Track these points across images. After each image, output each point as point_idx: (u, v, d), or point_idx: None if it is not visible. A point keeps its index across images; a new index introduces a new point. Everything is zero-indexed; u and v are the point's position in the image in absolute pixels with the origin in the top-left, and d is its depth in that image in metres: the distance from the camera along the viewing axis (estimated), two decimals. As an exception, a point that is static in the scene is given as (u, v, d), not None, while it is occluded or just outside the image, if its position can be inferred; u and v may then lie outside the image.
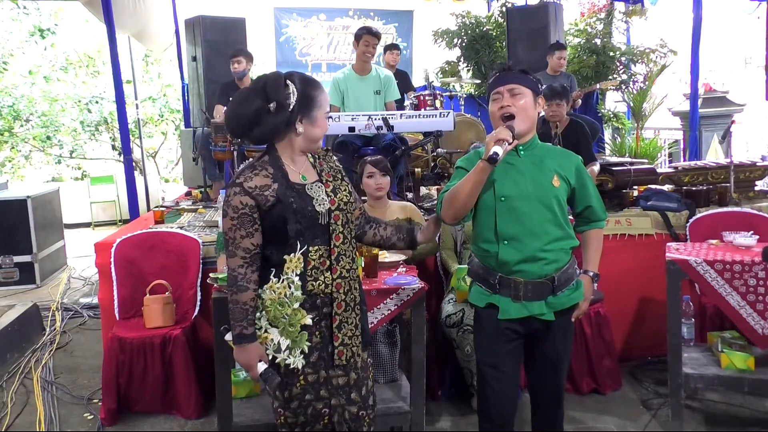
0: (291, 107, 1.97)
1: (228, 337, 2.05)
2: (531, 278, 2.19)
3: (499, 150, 2.05)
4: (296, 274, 1.99)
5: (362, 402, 2.12)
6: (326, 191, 2.04)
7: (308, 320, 2.00)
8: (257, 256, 1.99)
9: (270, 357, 2.01)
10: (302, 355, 2.00)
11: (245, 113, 1.98)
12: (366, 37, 4.90)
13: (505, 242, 2.19)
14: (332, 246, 2.02)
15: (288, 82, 1.98)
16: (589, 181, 2.33)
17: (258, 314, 2.01)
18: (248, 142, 2.05)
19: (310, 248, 2.00)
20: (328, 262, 2.02)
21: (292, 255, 1.99)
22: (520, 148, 2.24)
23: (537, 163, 2.23)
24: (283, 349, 1.99)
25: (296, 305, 1.99)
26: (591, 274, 2.38)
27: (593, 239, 2.41)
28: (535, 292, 2.20)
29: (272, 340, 2.00)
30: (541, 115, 4.51)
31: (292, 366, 2.00)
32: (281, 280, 1.99)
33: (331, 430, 2.10)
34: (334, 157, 2.19)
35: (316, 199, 2.01)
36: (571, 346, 2.42)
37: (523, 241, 2.18)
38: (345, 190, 2.09)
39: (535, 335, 2.27)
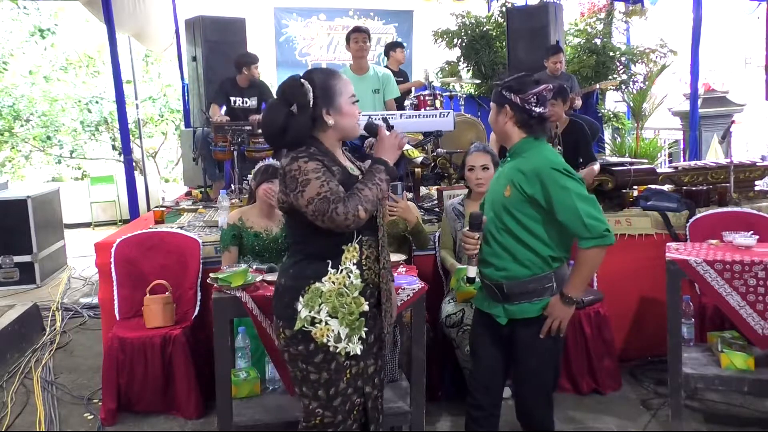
0: (311, 103, 2.00)
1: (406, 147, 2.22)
2: (485, 279, 2.35)
3: (472, 273, 2.33)
4: (353, 263, 2.02)
5: (380, 385, 2.23)
6: None
7: (366, 307, 2.04)
8: None
9: (331, 348, 2.01)
10: (360, 341, 2.03)
11: (276, 123, 2.02)
12: (354, 35, 4.94)
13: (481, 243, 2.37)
14: (378, 237, 2.08)
15: (302, 81, 2.03)
16: (560, 194, 2.15)
17: (317, 307, 2.00)
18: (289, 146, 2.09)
19: (364, 238, 2.04)
20: (376, 253, 2.07)
21: (349, 245, 2.02)
22: (508, 155, 2.38)
23: (506, 168, 2.34)
24: (343, 337, 2.01)
25: (356, 293, 2.02)
26: (565, 296, 2.22)
27: (577, 259, 2.21)
28: (489, 293, 2.36)
29: (333, 331, 2.00)
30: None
31: (351, 353, 2.03)
32: (339, 271, 2.01)
33: (360, 420, 2.14)
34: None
35: None
36: (543, 361, 2.31)
37: (483, 243, 2.34)
38: None
39: (504, 339, 2.37)
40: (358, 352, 2.03)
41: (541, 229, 2.23)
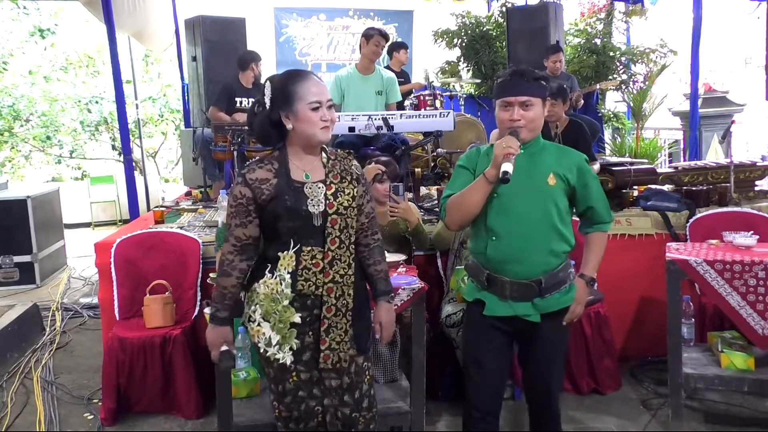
0: (268, 105, 2.05)
1: (207, 310, 2.15)
2: (516, 278, 2.20)
3: (509, 168, 2.06)
4: (288, 272, 2.01)
5: (355, 405, 2.13)
6: (326, 193, 2.04)
7: (296, 318, 2.03)
8: (248, 246, 2.05)
9: (261, 350, 2.06)
10: (291, 352, 2.03)
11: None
12: (377, 37, 4.93)
13: (493, 239, 2.20)
14: (327, 249, 2.03)
15: (267, 81, 2.07)
16: (593, 182, 2.28)
17: (253, 307, 2.06)
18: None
19: (304, 248, 2.01)
20: (321, 264, 2.02)
21: (285, 252, 2.02)
22: (521, 147, 2.23)
23: (535, 161, 2.22)
24: (273, 344, 2.03)
25: (286, 302, 2.02)
26: (587, 278, 2.33)
27: (594, 242, 2.35)
28: (521, 292, 2.21)
29: (264, 334, 2.04)
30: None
31: (281, 361, 2.04)
32: (274, 276, 2.02)
33: (324, 428, 2.12)
34: (355, 162, 2.19)
35: (311, 200, 2.02)
36: (564, 349, 2.39)
37: (510, 240, 2.19)
38: (349, 194, 2.07)
39: (525, 336, 2.28)
40: (288, 362, 2.03)
41: (570, 218, 2.27)
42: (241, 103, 5.61)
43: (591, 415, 3.25)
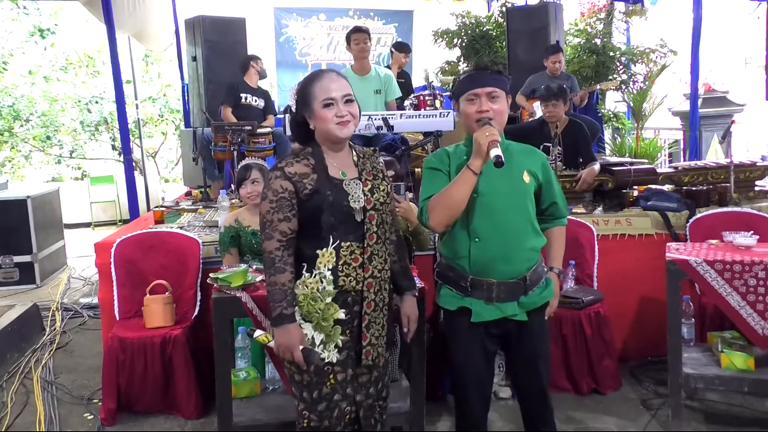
0: (293, 108, 2.11)
1: (257, 333, 2.08)
2: (504, 278, 2.18)
3: (499, 152, 2.05)
4: (328, 269, 2.01)
5: (377, 395, 2.19)
6: (363, 190, 2.07)
7: (341, 314, 2.03)
8: (292, 240, 2.03)
9: None
10: (336, 350, 2.03)
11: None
12: (355, 35, 4.93)
13: (477, 240, 2.17)
14: (366, 245, 2.05)
15: (295, 85, 2.15)
16: (554, 178, 2.33)
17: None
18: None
19: (343, 244, 2.03)
20: (360, 260, 2.04)
21: (324, 249, 2.02)
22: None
23: (508, 158, 2.14)
24: (318, 343, 2.01)
25: (328, 300, 2.01)
26: (557, 271, 2.38)
27: (558, 237, 2.39)
28: (508, 292, 2.19)
29: (306, 335, 2.01)
30: (539, 116, 4.51)
31: (327, 360, 2.02)
32: (313, 275, 2.02)
33: (353, 428, 2.12)
34: (381, 159, 2.23)
35: (352, 196, 2.04)
36: (549, 344, 2.43)
37: (496, 240, 2.17)
38: (383, 190, 2.12)
39: (511, 336, 2.27)
40: (334, 360, 2.02)
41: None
42: (246, 99, 5.76)
43: (591, 415, 3.25)
